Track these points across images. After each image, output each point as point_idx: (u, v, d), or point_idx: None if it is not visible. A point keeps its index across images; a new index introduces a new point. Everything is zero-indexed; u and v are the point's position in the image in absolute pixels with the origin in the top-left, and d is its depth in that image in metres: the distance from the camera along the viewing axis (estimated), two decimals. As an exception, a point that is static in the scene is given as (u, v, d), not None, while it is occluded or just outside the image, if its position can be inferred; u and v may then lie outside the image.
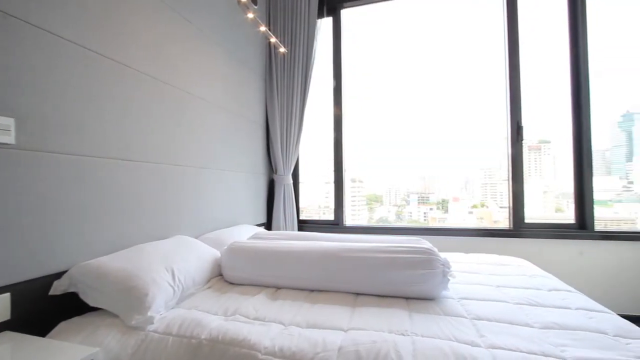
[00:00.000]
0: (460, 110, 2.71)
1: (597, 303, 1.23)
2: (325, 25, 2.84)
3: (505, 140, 2.52)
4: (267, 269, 1.36)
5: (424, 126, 2.79)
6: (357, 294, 1.27)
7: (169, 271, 1.19)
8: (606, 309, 1.17)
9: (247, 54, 2.51)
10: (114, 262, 1.15)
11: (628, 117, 2.58)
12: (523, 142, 2.47)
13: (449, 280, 1.23)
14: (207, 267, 1.42)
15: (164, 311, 1.09)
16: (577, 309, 1.16)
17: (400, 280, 1.21)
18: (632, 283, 2.21)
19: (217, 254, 1.54)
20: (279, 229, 2.73)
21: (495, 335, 0.95)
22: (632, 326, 1.04)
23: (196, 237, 1.76)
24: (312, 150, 3.04)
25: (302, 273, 1.31)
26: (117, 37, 1.35)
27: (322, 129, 2.94)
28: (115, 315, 1.05)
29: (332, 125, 2.87)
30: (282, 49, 2.52)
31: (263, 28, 2.15)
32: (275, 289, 1.33)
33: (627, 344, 0.93)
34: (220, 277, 1.47)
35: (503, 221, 2.59)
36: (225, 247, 1.48)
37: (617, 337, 0.96)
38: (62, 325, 1.02)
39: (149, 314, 1.01)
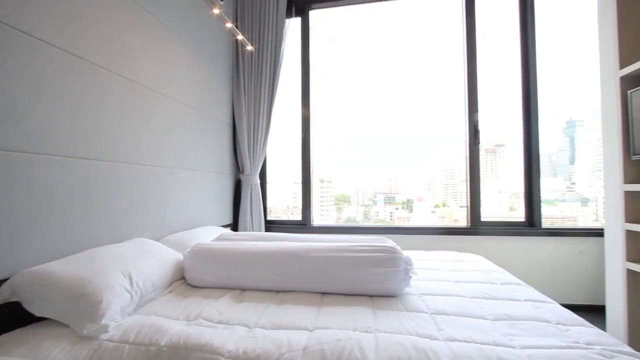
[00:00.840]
0: (424, 113, 2.82)
1: (542, 294, 1.33)
2: (294, 25, 2.83)
3: (464, 143, 2.67)
4: (232, 271, 1.34)
5: (390, 128, 2.88)
6: (324, 293, 1.28)
7: (126, 276, 1.13)
8: (550, 300, 1.27)
9: (214, 51, 2.44)
10: (64, 267, 1.07)
11: (571, 124, 2.82)
12: (480, 145, 2.62)
13: (411, 277, 1.28)
14: (169, 271, 1.36)
15: (120, 318, 1.03)
16: (525, 300, 1.25)
17: (365, 279, 1.23)
18: (573, 275, 2.42)
19: (180, 256, 1.48)
20: (245, 230, 2.69)
21: (452, 328, 1.00)
22: (571, 314, 1.14)
23: (157, 240, 1.69)
24: (281, 150, 3.02)
25: (268, 274, 1.30)
26: (68, 25, 1.25)
27: (290, 128, 2.93)
28: (64, 325, 0.98)
29: (300, 125, 2.88)
30: (249, 47, 2.48)
31: (229, 25, 2.10)
32: (241, 291, 1.31)
33: (567, 330, 1.01)
34: (183, 281, 1.42)
35: (462, 220, 2.73)
36: (189, 250, 1.44)
37: (559, 325, 1.05)
38: (2, 339, 0.94)
39: (103, 321, 0.95)
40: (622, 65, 1.65)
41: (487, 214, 2.66)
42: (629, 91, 1.64)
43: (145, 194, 1.67)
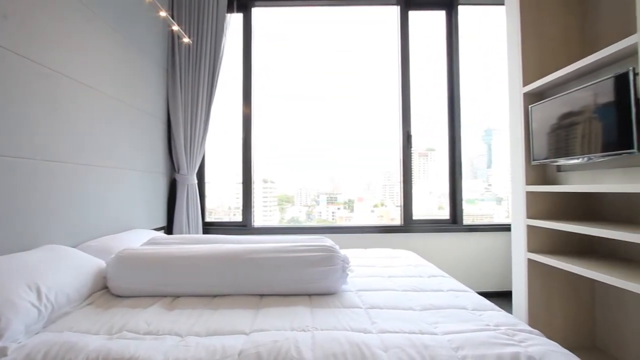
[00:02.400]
0: (364, 117, 2.95)
1: (462, 284, 1.48)
2: (236, 21, 2.75)
3: (399, 147, 2.86)
4: (163, 277, 1.25)
5: (333, 130, 2.95)
6: (262, 295, 1.27)
7: (32, 289, 0.99)
8: (468, 289, 1.43)
9: (146, 41, 2.26)
10: (-53, 283, 0.90)
11: (488, 132, 3.19)
12: (412, 149, 2.83)
13: (347, 274, 1.33)
14: (88, 280, 1.23)
15: (25, 338, 0.90)
16: (448, 290, 1.38)
17: (304, 279, 1.25)
18: (488, 265, 2.74)
19: (102, 264, 1.34)
20: (181, 233, 2.54)
21: (384, 321, 1.06)
22: (485, 301, 1.29)
23: (76, 246, 1.50)
24: (222, 149, 2.91)
25: (203, 278, 1.24)
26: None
27: (232, 127, 2.84)
28: (-53, 352, 0.82)
29: (241, 124, 2.80)
30: (185, 39, 2.35)
31: (163, 13, 1.96)
32: (173, 298, 1.23)
33: (480, 315, 1.14)
34: (106, 291, 1.29)
35: (398, 218, 2.92)
36: (113, 256, 1.31)
37: (474, 311, 1.18)
38: None
39: (1, 344, 0.82)
40: (525, 83, 1.93)
41: (420, 212, 2.88)
42: (530, 106, 1.92)
43: (60, 196, 1.48)
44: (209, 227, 2.76)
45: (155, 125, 2.42)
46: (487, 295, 1.40)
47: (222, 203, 2.98)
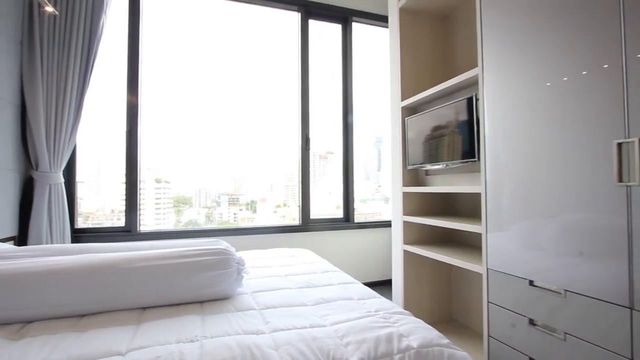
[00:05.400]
0: (267, 118, 2.95)
1: (351, 277, 1.62)
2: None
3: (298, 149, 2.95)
4: (9, 300, 1.01)
5: (236, 129, 2.86)
6: (145, 308, 1.15)
7: None
8: (356, 280, 1.57)
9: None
10: None
11: (379, 139, 3.57)
12: (312, 151, 2.96)
13: (243, 277, 1.31)
14: None
15: None
16: (338, 284, 1.50)
17: (195, 285, 1.18)
18: (375, 258, 3.08)
19: None
20: (40, 243, 2.08)
21: (278, 320, 1.09)
22: (369, 290, 1.44)
23: None
24: (105, 143, 2.51)
25: (66, 296, 1.05)
26: None
27: (119, 120, 2.48)
28: None
29: (125, 115, 2.47)
30: (49, 8, 1.94)
31: (15, -27, 1.58)
32: (23, 324, 1.01)
33: (364, 303, 1.27)
34: None
35: (298, 218, 3.01)
36: None
37: (359, 300, 1.31)
38: None
39: None
40: (403, 98, 2.24)
41: (320, 212, 3.04)
42: (406, 118, 2.24)
43: None
44: (81, 235, 2.35)
45: (2, 109, 1.93)
46: (373, 284, 1.58)
47: (104, 206, 2.57)
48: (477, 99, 1.64)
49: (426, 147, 2.04)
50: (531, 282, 1.27)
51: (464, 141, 1.74)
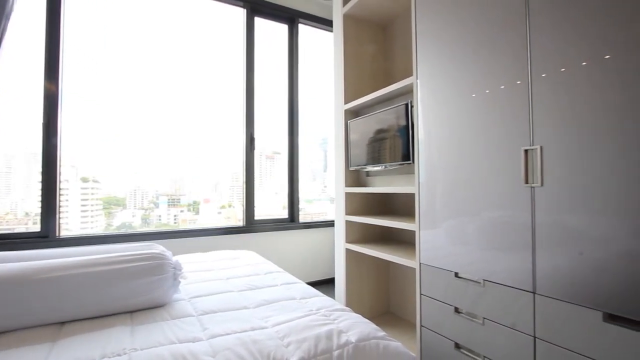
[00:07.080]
0: (211, 116, 2.82)
1: (294, 277, 1.63)
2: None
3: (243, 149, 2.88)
4: None
5: (175, 125, 2.68)
6: (64, 323, 1.03)
7: None
8: (299, 280, 1.59)
9: None
10: None
11: (325, 140, 3.64)
12: (257, 151, 2.91)
13: (180, 282, 1.25)
14: None
15: None
16: (281, 284, 1.50)
17: (123, 294, 1.09)
18: (319, 257, 3.13)
19: None
20: None
21: (217, 325, 1.05)
22: (311, 289, 1.47)
23: None
24: (14, 137, 2.18)
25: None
26: None
27: (35, 110, 2.17)
28: None
29: (42, 105, 2.18)
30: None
31: None
32: None
33: (306, 302, 1.29)
34: None
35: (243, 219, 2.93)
36: None
37: (302, 299, 1.32)
38: None
39: None
40: (346, 101, 2.32)
41: (266, 212, 3.00)
42: (349, 121, 2.32)
43: None
44: (-18, 243, 2.02)
45: None
46: (316, 283, 1.61)
47: (16, 208, 2.24)
48: (412, 106, 1.76)
49: (373, 149, 2.13)
50: (456, 274, 1.41)
51: (402, 144, 1.85)
